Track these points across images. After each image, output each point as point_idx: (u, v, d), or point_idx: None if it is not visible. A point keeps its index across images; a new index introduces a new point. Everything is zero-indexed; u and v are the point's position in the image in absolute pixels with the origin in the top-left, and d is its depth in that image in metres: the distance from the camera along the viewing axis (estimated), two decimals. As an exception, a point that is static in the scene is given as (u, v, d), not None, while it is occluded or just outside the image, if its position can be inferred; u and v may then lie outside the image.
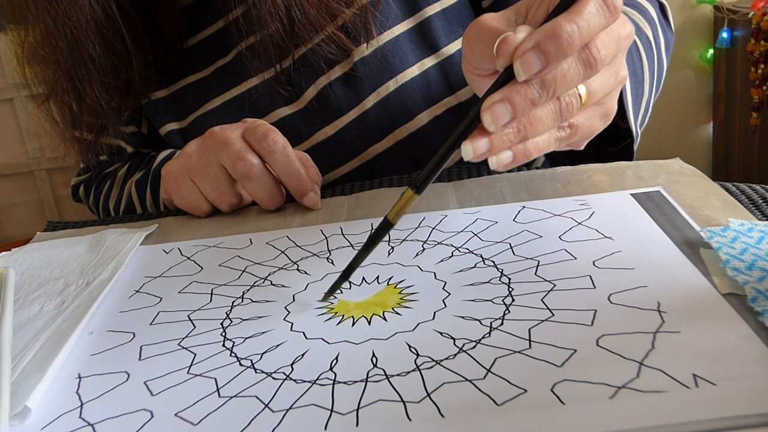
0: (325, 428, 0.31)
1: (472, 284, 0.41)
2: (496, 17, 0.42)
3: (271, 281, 0.46)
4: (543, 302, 0.38)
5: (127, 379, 0.37)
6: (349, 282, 0.44)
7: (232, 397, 0.34)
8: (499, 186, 0.56)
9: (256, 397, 0.34)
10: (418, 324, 0.38)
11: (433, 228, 0.50)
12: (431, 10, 0.66)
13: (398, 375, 0.34)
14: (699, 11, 2.19)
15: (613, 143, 0.63)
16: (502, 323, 0.37)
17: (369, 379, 0.34)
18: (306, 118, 0.67)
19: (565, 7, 0.37)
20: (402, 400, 0.32)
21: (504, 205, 0.52)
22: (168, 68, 0.69)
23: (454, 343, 0.36)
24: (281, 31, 0.61)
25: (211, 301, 0.45)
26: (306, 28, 0.61)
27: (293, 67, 0.65)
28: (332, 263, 0.47)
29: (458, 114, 0.68)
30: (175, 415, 0.34)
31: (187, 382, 0.36)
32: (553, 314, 0.37)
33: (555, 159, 0.73)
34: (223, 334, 0.40)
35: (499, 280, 0.41)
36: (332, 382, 0.34)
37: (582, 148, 0.47)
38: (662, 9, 0.69)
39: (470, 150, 0.39)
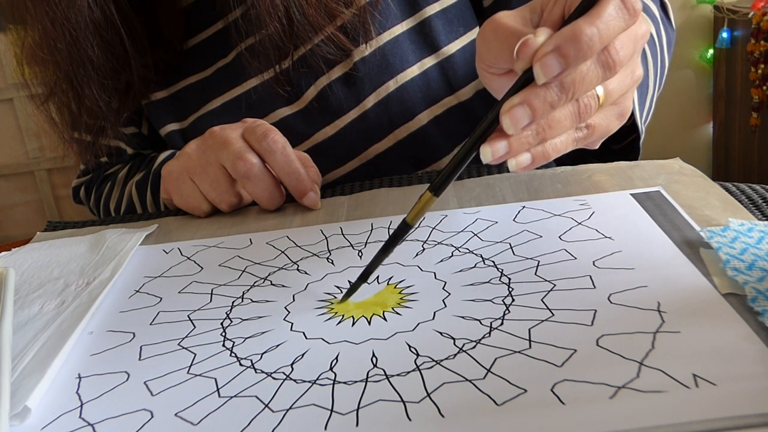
0: (325, 428, 0.31)
1: (472, 284, 0.41)
2: (512, 15, 0.42)
3: (271, 281, 0.46)
4: (543, 302, 0.38)
5: (127, 379, 0.37)
6: (350, 282, 0.44)
7: (232, 397, 0.34)
8: (499, 186, 0.56)
9: (256, 397, 0.34)
10: (418, 324, 0.38)
11: (433, 228, 0.50)
12: (431, 9, 0.66)
13: (398, 375, 0.34)
14: (699, 11, 2.19)
15: (617, 141, 0.63)
16: (502, 323, 0.37)
17: (369, 379, 0.34)
18: (306, 118, 0.67)
19: (585, 9, 0.37)
20: (402, 400, 0.32)
21: (504, 205, 0.52)
22: (168, 69, 0.69)
23: (454, 343, 0.36)
24: (280, 31, 0.61)
25: (211, 301, 0.45)
26: (305, 28, 0.61)
27: (293, 68, 0.65)
28: (332, 263, 0.47)
29: (458, 114, 0.68)
30: (175, 415, 0.34)
31: (187, 382, 0.36)
32: (553, 314, 0.37)
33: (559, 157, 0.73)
34: (223, 334, 0.40)
35: (499, 280, 0.41)
36: (332, 382, 0.34)
37: (597, 147, 0.47)
38: (663, 6, 0.69)
39: (489, 153, 0.39)
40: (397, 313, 0.39)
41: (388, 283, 0.43)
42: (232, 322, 0.42)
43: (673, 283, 0.38)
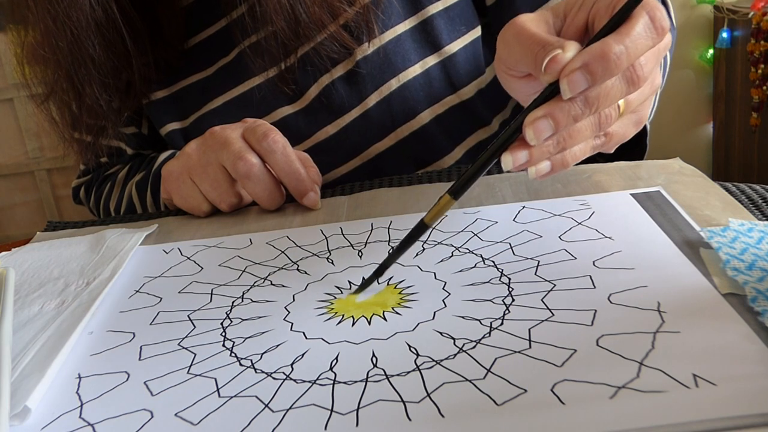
0: (325, 428, 0.31)
1: (472, 284, 0.41)
2: (534, 19, 0.42)
3: (271, 281, 0.46)
4: (543, 302, 0.38)
5: (127, 379, 0.37)
6: (350, 282, 0.44)
7: (232, 397, 0.34)
8: (499, 186, 0.56)
9: (256, 397, 0.34)
10: (418, 324, 0.38)
11: (433, 228, 0.50)
12: (434, 8, 0.66)
13: (398, 375, 0.34)
14: (699, 11, 2.19)
15: None
16: (502, 323, 0.37)
17: (369, 379, 0.34)
18: (308, 117, 0.67)
19: (615, 26, 0.37)
20: (402, 400, 0.32)
21: (504, 205, 0.52)
22: (169, 68, 0.69)
23: (454, 343, 0.36)
24: (285, 29, 0.61)
25: (211, 301, 0.45)
26: (309, 26, 0.61)
27: (296, 66, 0.65)
28: (332, 263, 0.47)
29: (460, 112, 0.68)
30: (175, 415, 0.34)
31: (187, 382, 0.36)
32: (553, 314, 0.37)
33: None
34: (223, 334, 0.40)
35: (499, 280, 0.41)
36: (332, 382, 0.34)
37: (612, 152, 0.47)
38: (664, 3, 0.69)
39: (510, 161, 0.40)
40: (397, 313, 0.39)
41: (388, 283, 0.43)
42: (232, 322, 0.42)
43: (673, 283, 0.38)
